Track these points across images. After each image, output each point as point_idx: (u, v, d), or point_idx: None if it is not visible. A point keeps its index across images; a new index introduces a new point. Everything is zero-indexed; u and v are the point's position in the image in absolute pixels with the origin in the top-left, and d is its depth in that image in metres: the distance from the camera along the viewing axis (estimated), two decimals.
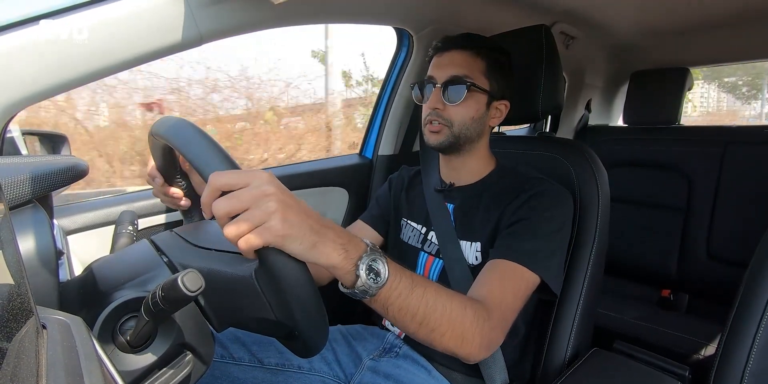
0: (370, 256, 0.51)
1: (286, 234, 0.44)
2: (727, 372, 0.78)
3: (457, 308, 0.60)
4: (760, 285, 0.79)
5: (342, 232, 0.51)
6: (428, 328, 0.58)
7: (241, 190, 0.44)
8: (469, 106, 0.85)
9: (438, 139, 0.87)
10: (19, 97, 0.64)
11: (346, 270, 0.50)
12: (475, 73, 0.84)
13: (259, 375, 0.83)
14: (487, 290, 0.71)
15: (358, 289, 0.51)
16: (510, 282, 0.72)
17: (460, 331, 0.61)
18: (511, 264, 0.74)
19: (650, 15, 1.54)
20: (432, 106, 0.86)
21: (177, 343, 0.48)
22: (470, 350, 0.63)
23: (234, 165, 0.47)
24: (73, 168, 0.55)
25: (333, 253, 0.49)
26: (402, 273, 0.56)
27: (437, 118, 0.86)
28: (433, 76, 0.87)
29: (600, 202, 0.89)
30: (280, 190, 0.45)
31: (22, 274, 0.33)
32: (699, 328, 1.40)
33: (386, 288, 0.53)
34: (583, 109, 2.01)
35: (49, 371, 0.26)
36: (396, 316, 0.56)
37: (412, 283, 0.56)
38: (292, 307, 0.46)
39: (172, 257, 0.55)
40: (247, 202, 0.44)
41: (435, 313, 0.58)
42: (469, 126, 0.86)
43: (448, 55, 0.86)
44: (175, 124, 0.52)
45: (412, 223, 0.97)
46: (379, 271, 0.52)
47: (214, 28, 0.80)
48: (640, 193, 1.72)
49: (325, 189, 1.37)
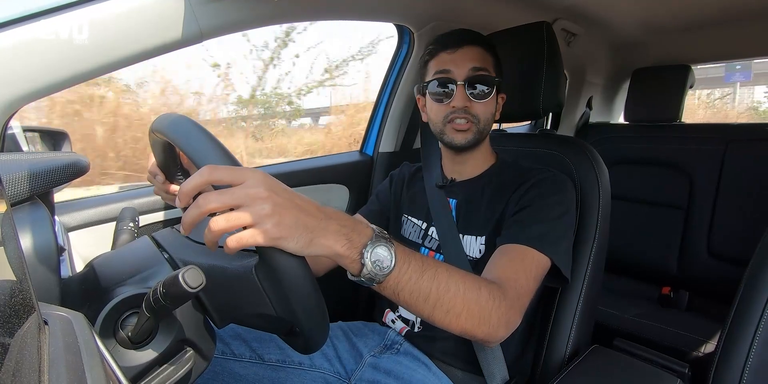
0: (375, 243, 0.50)
1: (281, 236, 0.44)
2: (726, 369, 0.78)
3: (470, 288, 0.59)
4: (760, 282, 0.79)
5: (345, 220, 0.50)
6: (443, 310, 0.57)
7: (236, 187, 0.44)
8: (492, 101, 0.86)
9: (466, 138, 0.86)
10: (20, 93, 0.64)
11: (351, 259, 0.50)
12: (490, 68, 0.85)
13: (260, 371, 0.84)
14: (499, 272, 0.70)
15: (364, 277, 0.51)
16: (521, 263, 0.72)
17: (476, 311, 0.59)
18: (521, 247, 0.74)
19: (652, 12, 1.53)
20: (460, 105, 0.83)
21: (178, 339, 0.48)
22: (488, 330, 0.61)
23: (234, 161, 0.47)
24: (74, 165, 0.55)
25: (335, 244, 0.48)
26: (411, 256, 0.55)
27: (466, 116, 0.84)
28: (451, 73, 0.84)
29: (601, 199, 0.89)
30: (274, 191, 0.45)
31: (24, 271, 0.33)
32: (699, 325, 1.40)
33: (394, 274, 0.52)
34: (585, 106, 2.00)
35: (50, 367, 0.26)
36: (408, 300, 0.55)
37: (422, 265, 0.55)
38: (293, 303, 0.46)
39: (173, 253, 0.55)
40: (239, 200, 0.43)
41: (448, 294, 0.57)
42: (490, 122, 0.87)
43: (462, 50, 0.85)
44: (175, 120, 0.52)
45: (413, 218, 0.97)
46: (386, 257, 0.51)
47: (215, 25, 0.80)
48: (641, 190, 1.72)
49: (326, 186, 1.37)
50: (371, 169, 1.45)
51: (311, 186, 1.33)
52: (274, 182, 0.46)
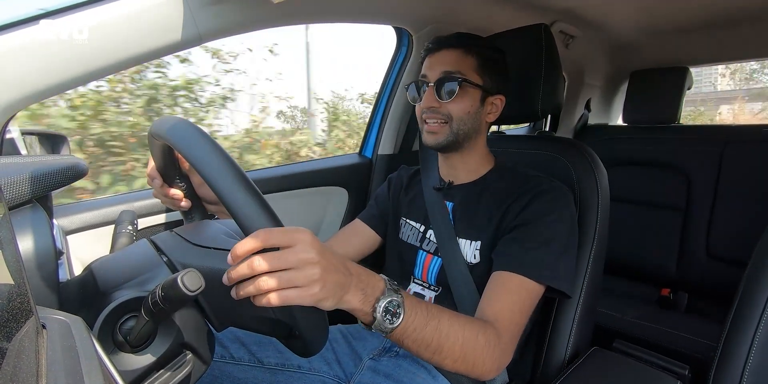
0: (386, 298, 0.55)
1: (324, 298, 0.48)
2: (726, 370, 0.78)
3: (469, 337, 0.63)
4: (759, 284, 0.79)
5: (363, 275, 0.55)
6: (441, 356, 0.62)
7: (289, 251, 0.46)
8: (464, 101, 0.85)
9: (437, 139, 0.87)
10: (18, 96, 0.64)
11: (365, 312, 0.54)
12: (466, 69, 0.85)
13: (259, 375, 0.83)
14: (495, 310, 0.72)
15: (374, 328, 0.55)
16: (518, 299, 0.74)
17: (471, 357, 0.64)
18: (518, 278, 0.75)
19: (650, 14, 1.54)
20: (427, 105, 0.86)
21: (177, 342, 0.48)
22: (480, 373, 0.66)
23: (268, 210, 0.47)
24: (72, 168, 0.55)
25: (354, 299, 0.53)
26: (417, 307, 0.59)
27: (434, 115, 0.86)
28: (425, 76, 0.87)
29: (600, 201, 0.89)
30: (323, 255, 0.48)
31: (22, 274, 0.33)
32: (698, 327, 1.40)
33: (401, 326, 0.57)
34: (583, 108, 2.01)
35: (49, 371, 0.26)
36: (411, 346, 0.60)
37: (427, 316, 0.60)
38: (293, 306, 0.46)
39: (172, 257, 0.55)
40: (291, 264, 0.46)
41: (448, 343, 0.61)
42: (466, 121, 0.86)
43: (438, 54, 0.87)
44: (190, 136, 0.49)
45: (411, 221, 0.97)
46: (396, 312, 0.56)
47: (214, 28, 0.80)
48: (639, 192, 1.72)
49: (324, 188, 1.37)
50: (370, 172, 1.45)
51: (310, 189, 1.32)
52: (320, 244, 0.49)
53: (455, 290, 0.83)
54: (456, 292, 0.83)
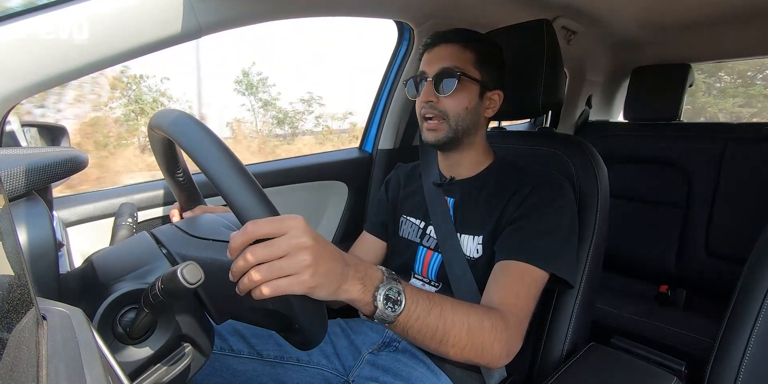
0: (386, 286, 0.54)
1: (316, 285, 0.46)
2: (723, 367, 0.79)
3: (474, 322, 0.62)
4: (757, 281, 0.79)
5: (359, 265, 0.54)
6: (448, 345, 0.61)
7: (282, 238, 0.45)
8: (462, 96, 0.85)
9: (436, 136, 0.87)
10: (17, 88, 0.63)
11: (365, 302, 0.53)
12: (464, 64, 0.85)
13: (258, 367, 0.84)
14: (501, 296, 0.72)
15: (377, 318, 0.54)
16: (523, 284, 0.74)
17: (479, 344, 0.63)
18: (522, 265, 0.75)
19: (652, 11, 1.53)
20: (425, 100, 0.86)
21: (176, 334, 0.48)
22: (490, 359, 0.66)
23: (270, 206, 0.46)
24: (72, 160, 0.55)
25: (353, 288, 0.52)
26: (419, 296, 0.58)
27: (432, 111, 0.86)
28: (424, 72, 0.87)
29: (599, 197, 0.89)
30: (315, 240, 0.47)
31: (22, 266, 0.33)
32: (696, 323, 1.40)
33: (404, 314, 0.56)
34: (584, 104, 2.00)
35: (49, 362, 0.26)
36: (416, 337, 0.59)
37: (429, 304, 0.59)
38: (291, 299, 0.46)
39: (172, 249, 0.55)
40: (282, 251, 0.45)
41: (453, 330, 0.60)
42: (464, 117, 0.86)
43: (436, 49, 0.87)
44: (188, 128, 0.49)
45: (411, 218, 0.97)
46: (397, 299, 0.55)
47: (214, 21, 0.80)
48: (639, 189, 1.72)
49: (325, 183, 1.37)
50: (370, 166, 1.45)
51: (310, 182, 1.32)
52: (312, 230, 0.48)
53: (455, 286, 0.84)
54: (456, 287, 0.84)
